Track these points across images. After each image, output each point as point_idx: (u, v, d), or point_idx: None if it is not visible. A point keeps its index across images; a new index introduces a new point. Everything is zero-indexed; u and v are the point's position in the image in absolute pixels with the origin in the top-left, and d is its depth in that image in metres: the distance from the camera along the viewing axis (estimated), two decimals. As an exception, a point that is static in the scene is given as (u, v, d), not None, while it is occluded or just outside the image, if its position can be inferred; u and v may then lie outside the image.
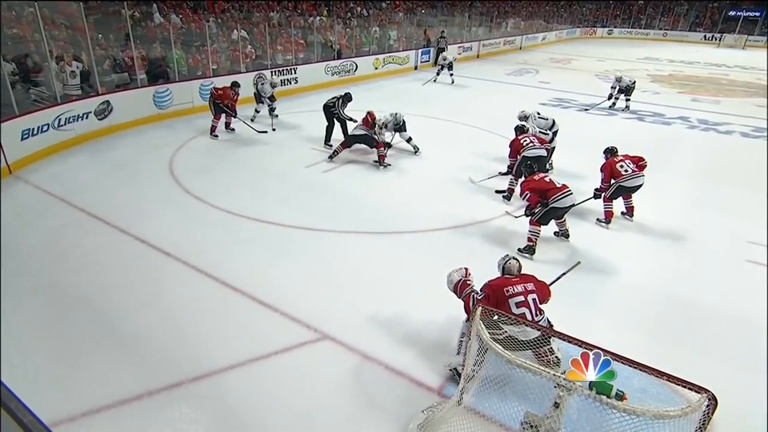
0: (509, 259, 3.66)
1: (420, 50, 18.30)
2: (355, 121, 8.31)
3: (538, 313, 3.40)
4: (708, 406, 2.12)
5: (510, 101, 13.22)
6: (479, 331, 2.74)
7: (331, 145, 8.59)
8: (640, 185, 6.03)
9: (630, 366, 2.31)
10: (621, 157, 6.20)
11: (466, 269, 3.68)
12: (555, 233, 5.69)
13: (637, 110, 12.64)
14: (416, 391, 3.48)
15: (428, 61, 18.64)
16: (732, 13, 34.23)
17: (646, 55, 25.50)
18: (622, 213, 6.35)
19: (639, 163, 6.11)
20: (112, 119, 9.07)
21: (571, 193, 5.31)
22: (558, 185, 5.33)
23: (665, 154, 9.25)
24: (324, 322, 4.11)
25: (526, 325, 2.98)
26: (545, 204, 5.30)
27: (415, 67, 17.95)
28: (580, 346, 2.62)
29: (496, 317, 2.92)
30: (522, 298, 3.37)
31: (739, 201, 7.09)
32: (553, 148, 7.49)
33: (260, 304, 4.35)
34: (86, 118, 8.57)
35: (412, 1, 22.75)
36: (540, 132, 7.46)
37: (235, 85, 9.11)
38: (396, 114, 8.33)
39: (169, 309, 4.28)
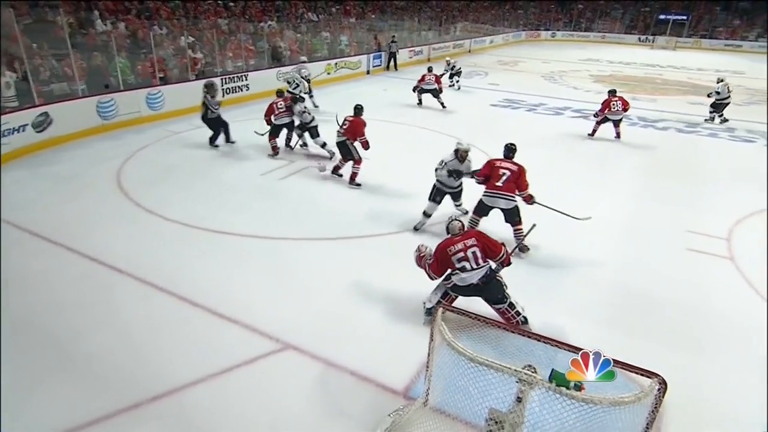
0: (452, 221, 4.15)
1: (372, 55, 18.40)
2: (216, 110, 8.63)
3: (477, 263, 3.91)
4: (659, 390, 2.25)
5: (462, 103, 13.51)
6: (442, 331, 2.79)
7: (217, 146, 8.83)
8: (621, 118, 10.11)
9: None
10: (617, 98, 9.88)
11: (418, 246, 4.21)
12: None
13: (582, 109, 13.19)
14: (382, 395, 3.49)
15: (380, 65, 18.76)
16: (662, 17, 36.40)
17: (588, 56, 26.63)
18: (617, 135, 10.19)
19: (625, 106, 9.93)
20: (52, 131, 8.62)
21: (505, 198, 5.26)
22: (501, 183, 5.27)
23: (609, 150, 9.71)
24: (286, 331, 4.06)
25: (462, 273, 3.90)
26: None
27: (368, 72, 18.03)
28: (538, 340, 2.72)
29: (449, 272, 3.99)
30: (462, 254, 3.91)
31: (678, 193, 7.51)
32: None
33: (220, 317, 4.25)
34: (23, 130, 8.12)
35: (362, 6, 22.84)
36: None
37: (279, 93, 8.75)
38: (311, 114, 8.45)
39: (125, 327, 4.12)
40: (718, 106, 11.82)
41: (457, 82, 15.21)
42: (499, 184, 5.31)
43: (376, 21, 20.90)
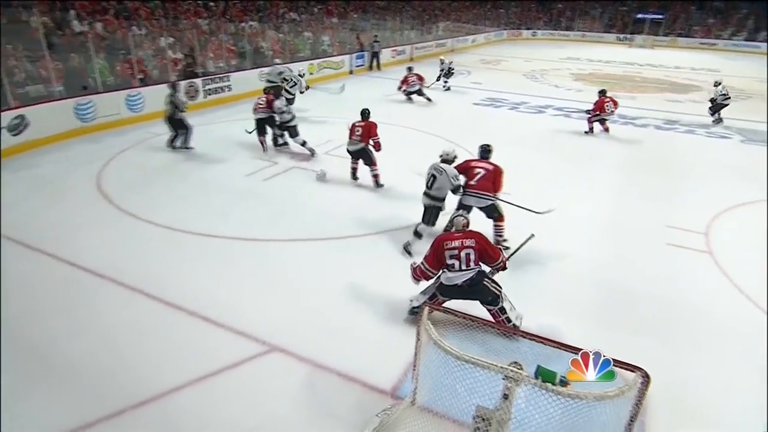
0: (457, 216, 4.11)
1: (354, 54, 18.37)
2: (183, 110, 8.49)
3: (468, 265, 3.88)
4: (642, 383, 2.28)
5: (446, 102, 13.57)
6: (428, 330, 2.80)
7: (175, 146, 8.65)
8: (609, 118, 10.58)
9: (570, 351, 2.45)
10: (609, 98, 10.34)
11: (411, 264, 4.19)
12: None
13: (564, 107, 13.34)
14: (369, 395, 3.49)
15: (363, 65, 18.74)
16: (639, 16, 37.10)
17: (568, 55, 26.94)
18: (602, 130, 10.63)
19: (615, 106, 10.48)
20: (28, 134, 8.44)
21: (477, 197, 5.30)
22: (474, 182, 5.29)
23: (590, 148, 9.84)
24: (273, 333, 4.03)
25: (449, 272, 3.89)
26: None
27: (351, 72, 17.99)
28: (523, 337, 2.75)
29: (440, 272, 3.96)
30: (456, 251, 3.88)
31: (658, 189, 7.64)
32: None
33: (205, 320, 4.21)
34: (-2, 134, 7.94)
35: (344, 6, 22.81)
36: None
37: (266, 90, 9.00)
38: (291, 112, 8.48)
39: (108, 333, 4.05)
40: (718, 106, 11.80)
41: (446, 82, 15.06)
42: (472, 183, 5.35)
43: (358, 21, 20.89)
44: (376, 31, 20.08)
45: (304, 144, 8.51)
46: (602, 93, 10.51)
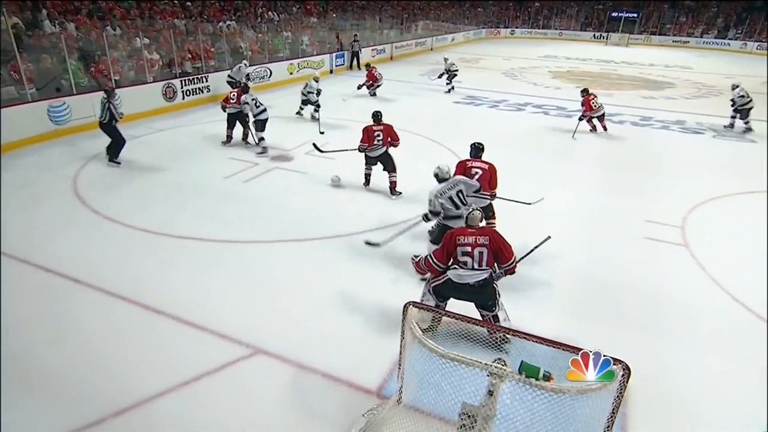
0: (472, 211, 3.95)
1: (334, 54, 18.30)
2: (118, 120, 7.82)
3: (480, 265, 3.72)
4: (623, 376, 2.33)
5: (427, 101, 13.62)
6: (412, 329, 2.81)
7: (118, 162, 7.99)
8: (603, 113, 10.53)
9: (552, 347, 2.48)
10: (593, 96, 10.34)
11: (412, 258, 4.14)
12: None
13: (542, 105, 13.51)
14: (355, 395, 3.49)
15: (343, 64, 18.68)
16: (615, 14, 37.86)
17: (546, 53, 27.27)
18: (603, 128, 10.67)
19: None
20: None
21: (479, 197, 5.26)
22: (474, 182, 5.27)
23: (570, 144, 9.98)
24: (256, 335, 4.00)
25: (460, 269, 3.71)
26: None
27: (331, 71, 17.93)
28: (507, 333, 2.77)
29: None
30: (469, 249, 3.72)
31: (636, 184, 7.79)
32: None
33: (186, 324, 4.15)
34: (-32, 138, 7.71)
35: (323, 5, 22.70)
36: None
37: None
38: (260, 106, 8.53)
39: (86, 340, 3.97)
40: (741, 111, 11.18)
41: (448, 83, 14.95)
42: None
43: (337, 20, 20.80)
44: (356, 30, 20.03)
45: (261, 140, 8.59)
46: (585, 92, 10.44)
